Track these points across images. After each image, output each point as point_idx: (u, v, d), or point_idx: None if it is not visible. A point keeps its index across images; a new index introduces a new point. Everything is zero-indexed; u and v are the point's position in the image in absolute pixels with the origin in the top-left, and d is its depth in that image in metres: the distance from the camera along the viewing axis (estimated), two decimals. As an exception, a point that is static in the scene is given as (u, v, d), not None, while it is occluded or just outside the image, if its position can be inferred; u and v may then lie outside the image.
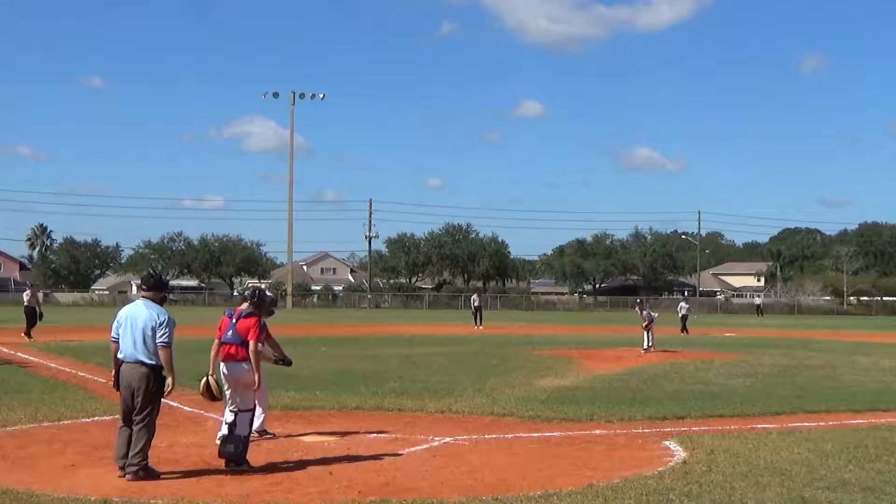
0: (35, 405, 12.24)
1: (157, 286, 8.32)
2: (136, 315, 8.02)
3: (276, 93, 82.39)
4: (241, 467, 8.31)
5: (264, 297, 9.14)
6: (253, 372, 8.54)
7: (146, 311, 8.03)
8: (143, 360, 7.92)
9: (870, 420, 11.84)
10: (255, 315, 8.80)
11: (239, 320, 8.70)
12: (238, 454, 8.36)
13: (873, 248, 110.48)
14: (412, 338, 30.65)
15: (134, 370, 7.95)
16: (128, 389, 7.99)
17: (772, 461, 8.78)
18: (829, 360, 21.78)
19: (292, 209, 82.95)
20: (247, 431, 8.54)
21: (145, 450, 7.89)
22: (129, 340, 7.98)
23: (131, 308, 8.17)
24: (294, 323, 38.46)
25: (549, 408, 12.49)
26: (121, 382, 8.04)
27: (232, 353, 8.62)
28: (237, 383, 8.65)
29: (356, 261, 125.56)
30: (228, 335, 8.69)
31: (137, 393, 7.94)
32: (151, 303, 8.13)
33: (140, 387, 7.93)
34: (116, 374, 8.10)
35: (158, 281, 8.44)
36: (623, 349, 24.83)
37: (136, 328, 7.97)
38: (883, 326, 49.07)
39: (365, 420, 11.44)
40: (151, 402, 7.96)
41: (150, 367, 7.93)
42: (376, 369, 18.35)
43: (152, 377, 7.95)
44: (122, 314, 8.14)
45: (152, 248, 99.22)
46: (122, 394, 8.09)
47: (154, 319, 7.95)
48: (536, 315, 65.40)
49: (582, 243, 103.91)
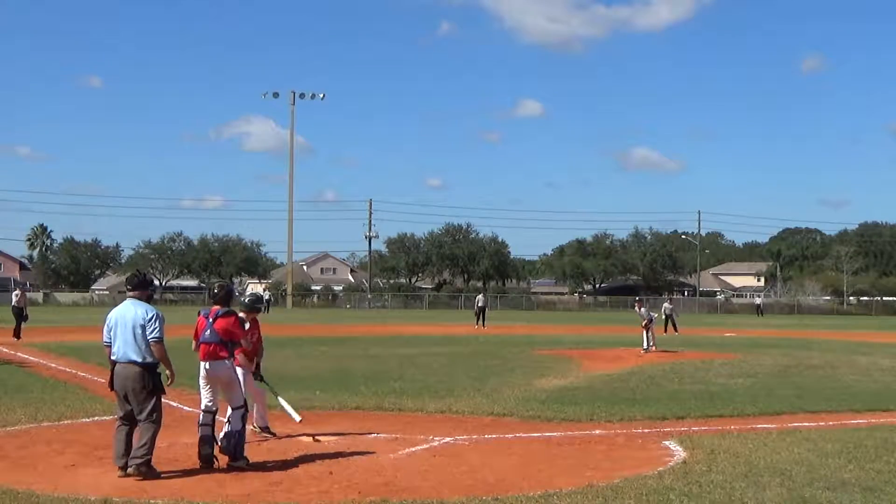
0: (35, 405, 12.25)
1: (142, 285, 8.34)
2: (125, 315, 8.06)
3: (276, 93, 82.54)
4: (237, 463, 8.34)
5: (230, 290, 9.14)
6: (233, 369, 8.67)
7: (134, 309, 8.07)
8: (135, 359, 7.95)
9: (870, 420, 11.84)
10: (232, 313, 8.79)
11: (216, 320, 8.67)
12: (232, 448, 8.41)
13: (873, 248, 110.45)
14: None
15: (127, 369, 7.98)
16: (123, 389, 8.03)
17: (772, 461, 8.78)
18: (829, 360, 21.77)
19: (292, 209, 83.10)
20: (240, 426, 8.57)
21: (150, 444, 7.91)
22: (121, 341, 8.02)
23: (119, 309, 8.21)
24: (294, 323, 38.49)
25: (549, 408, 12.49)
26: (115, 383, 8.07)
27: (211, 351, 8.58)
28: (219, 381, 8.65)
29: (356, 261, 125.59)
30: (206, 335, 8.66)
31: (133, 393, 7.96)
32: (139, 301, 8.17)
33: (135, 386, 7.95)
34: (111, 375, 8.13)
35: (143, 280, 8.45)
36: (623, 349, 24.82)
37: (125, 328, 8.00)
38: (883, 326, 49.05)
39: (365, 420, 11.44)
40: (150, 398, 7.98)
41: (144, 365, 7.95)
42: (376, 369, 18.35)
43: (146, 375, 7.97)
44: (112, 316, 8.18)
45: (152, 248, 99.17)
46: (117, 394, 8.12)
47: (143, 317, 7.98)
48: (536, 315, 65.38)
49: (582, 243, 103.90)
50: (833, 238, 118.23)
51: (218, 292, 8.94)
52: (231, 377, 8.68)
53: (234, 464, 8.36)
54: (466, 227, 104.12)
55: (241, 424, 8.59)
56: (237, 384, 8.77)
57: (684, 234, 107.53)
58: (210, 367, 8.62)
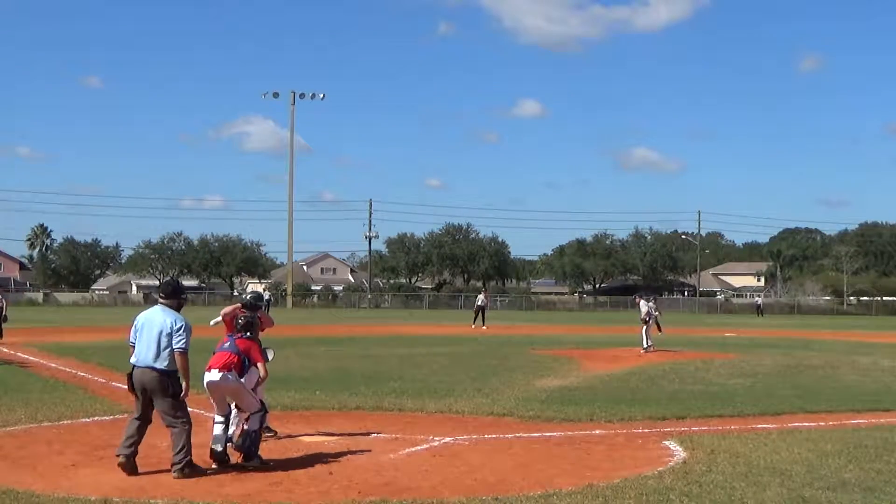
0: (35, 405, 12.24)
1: (174, 293, 8.40)
2: (153, 320, 8.11)
3: (276, 93, 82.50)
4: (250, 462, 8.36)
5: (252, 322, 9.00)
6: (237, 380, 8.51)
7: (163, 316, 8.11)
8: (154, 365, 7.97)
9: (870, 420, 11.84)
10: (255, 340, 8.80)
11: (237, 339, 8.70)
12: (246, 447, 8.43)
13: (873, 248, 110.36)
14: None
15: (146, 375, 8.02)
16: (143, 393, 8.06)
17: (772, 461, 8.78)
18: (829, 360, 21.76)
19: (292, 209, 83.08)
20: (257, 426, 8.60)
21: (187, 446, 7.95)
22: (144, 345, 8.06)
23: (148, 313, 8.26)
24: (294, 323, 38.47)
25: (549, 408, 12.49)
26: (135, 386, 8.10)
27: (227, 361, 8.49)
28: (226, 392, 8.55)
29: (356, 261, 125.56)
30: (226, 345, 8.69)
31: (155, 396, 8.01)
32: (169, 309, 8.22)
33: (156, 389, 7.99)
34: (130, 378, 8.15)
35: (176, 287, 8.52)
36: (623, 349, 24.82)
37: (151, 333, 8.05)
38: (883, 326, 49.05)
39: (365, 420, 11.44)
40: (174, 402, 8.02)
41: (162, 371, 7.97)
42: (376, 369, 18.35)
43: (167, 381, 7.99)
44: (140, 319, 8.22)
45: (152, 248, 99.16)
46: (137, 396, 8.14)
47: (171, 325, 8.03)
48: (536, 315, 65.37)
49: (582, 243, 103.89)
50: (833, 238, 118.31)
51: (242, 322, 8.90)
52: (238, 388, 8.57)
53: (247, 463, 8.38)
54: (466, 227, 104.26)
55: (258, 425, 8.63)
56: (245, 391, 8.65)
57: (684, 234, 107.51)
58: (219, 378, 8.46)
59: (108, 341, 24.64)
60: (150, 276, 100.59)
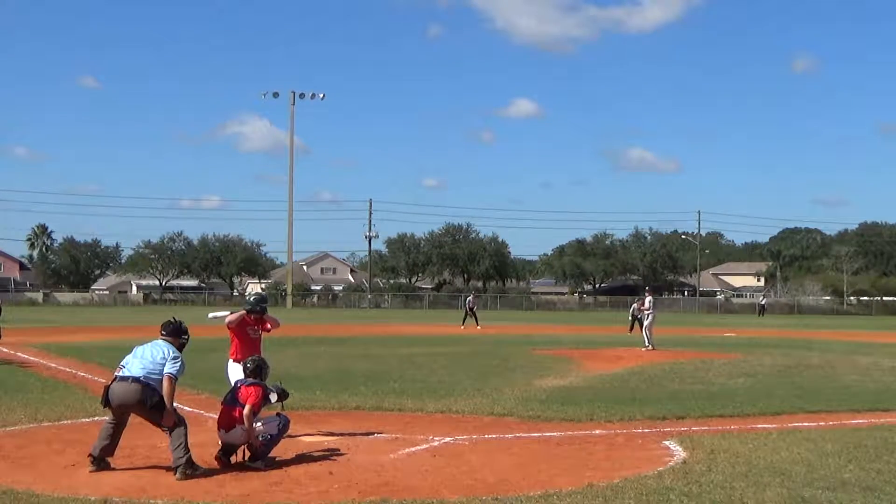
0: (35, 405, 12.24)
1: (175, 332, 8.52)
2: (151, 349, 8.25)
3: (275, 93, 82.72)
4: (255, 462, 8.36)
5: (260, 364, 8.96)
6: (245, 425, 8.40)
7: (162, 347, 8.26)
8: (138, 376, 7.99)
9: (870, 420, 11.83)
10: (260, 385, 8.75)
11: (242, 386, 8.68)
12: (257, 448, 8.44)
13: (873, 248, 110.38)
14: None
15: (128, 388, 7.97)
16: (120, 408, 8.04)
17: (772, 461, 8.78)
18: (829, 360, 21.76)
19: (292, 209, 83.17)
20: (275, 431, 8.67)
21: (184, 445, 7.95)
22: (135, 364, 8.13)
23: (147, 344, 8.39)
24: (294, 323, 38.45)
25: (549, 408, 12.48)
26: (112, 401, 8.04)
27: (230, 417, 8.46)
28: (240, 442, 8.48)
29: (356, 261, 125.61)
30: (227, 398, 8.70)
31: (135, 410, 8.00)
32: (168, 344, 8.34)
33: (134, 404, 7.95)
34: (106, 391, 8.09)
35: (177, 328, 8.59)
36: (623, 349, 24.81)
37: (145, 355, 8.18)
38: (883, 326, 49.06)
39: (365, 420, 11.44)
40: (160, 409, 7.98)
41: (145, 384, 7.96)
42: (376, 369, 18.35)
43: (147, 392, 7.96)
44: (138, 347, 8.36)
45: (152, 248, 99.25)
46: (114, 412, 8.11)
47: (166, 354, 8.16)
48: (536, 315, 65.37)
49: (582, 243, 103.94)
50: (833, 238, 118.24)
51: (250, 366, 8.88)
52: (248, 435, 8.43)
53: (251, 463, 8.37)
54: (466, 227, 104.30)
55: (276, 430, 8.68)
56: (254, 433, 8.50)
57: (684, 234, 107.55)
58: (226, 437, 8.45)
59: (109, 341, 24.65)
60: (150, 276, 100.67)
